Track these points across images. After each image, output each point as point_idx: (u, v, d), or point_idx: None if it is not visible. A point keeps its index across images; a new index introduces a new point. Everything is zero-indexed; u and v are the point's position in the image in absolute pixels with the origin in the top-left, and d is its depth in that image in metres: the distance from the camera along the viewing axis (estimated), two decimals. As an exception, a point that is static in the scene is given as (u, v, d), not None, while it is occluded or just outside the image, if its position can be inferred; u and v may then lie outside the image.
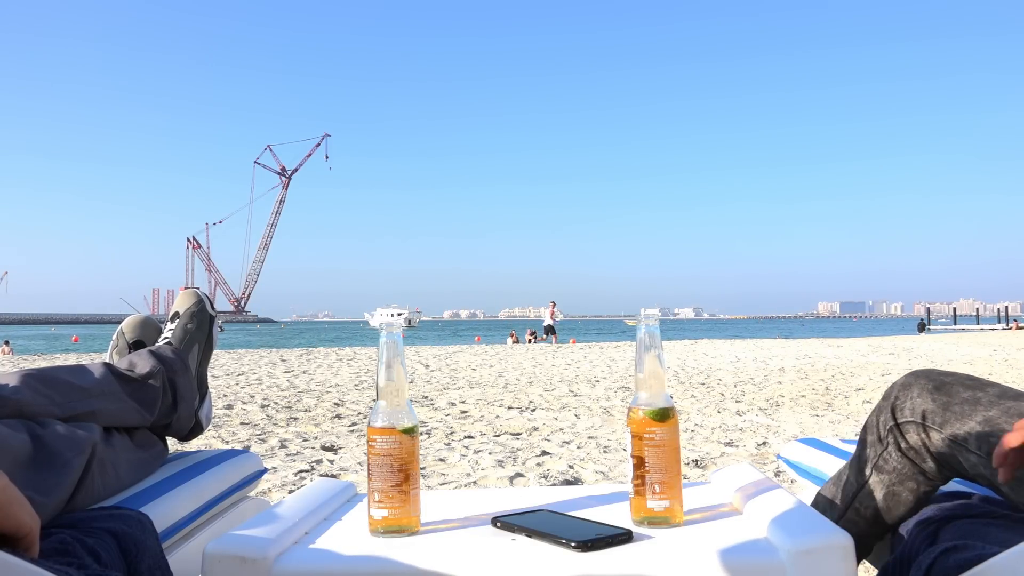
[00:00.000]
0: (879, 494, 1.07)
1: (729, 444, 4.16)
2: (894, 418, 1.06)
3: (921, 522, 0.87)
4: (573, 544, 0.87)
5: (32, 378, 1.04)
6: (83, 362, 1.21)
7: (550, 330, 22.14)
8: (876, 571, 1.04)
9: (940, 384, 1.04)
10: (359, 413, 5.78)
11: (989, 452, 0.92)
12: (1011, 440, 0.80)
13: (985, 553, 0.69)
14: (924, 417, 1.02)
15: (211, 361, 2.71)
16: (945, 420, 1.00)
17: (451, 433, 4.72)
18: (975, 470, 0.94)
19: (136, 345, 1.47)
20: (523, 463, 3.69)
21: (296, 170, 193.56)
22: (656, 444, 0.96)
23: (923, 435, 1.02)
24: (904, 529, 0.92)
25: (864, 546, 1.11)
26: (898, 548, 0.89)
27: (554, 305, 22.71)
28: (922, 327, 37.64)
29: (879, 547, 1.12)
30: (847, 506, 1.12)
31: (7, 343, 21.92)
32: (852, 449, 1.46)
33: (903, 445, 1.04)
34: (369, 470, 0.97)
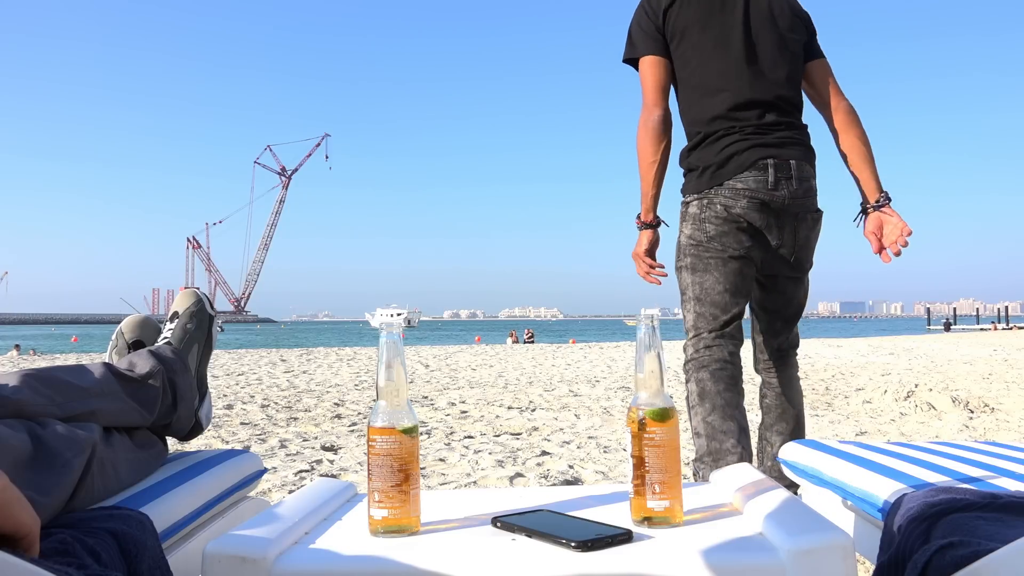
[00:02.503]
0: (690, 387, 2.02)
1: (729, 444, 4.16)
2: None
3: (913, 520, 0.88)
4: (573, 544, 0.87)
5: (32, 378, 1.04)
6: (83, 362, 1.21)
7: None
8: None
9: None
10: (359, 413, 5.78)
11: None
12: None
13: (982, 549, 0.69)
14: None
15: (211, 361, 2.71)
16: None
17: (451, 433, 4.72)
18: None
19: (136, 345, 1.47)
20: (523, 463, 3.69)
21: (296, 170, 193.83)
22: (656, 444, 0.96)
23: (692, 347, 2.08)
24: (896, 527, 0.92)
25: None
26: (891, 547, 0.89)
27: None
28: (948, 326, 38.29)
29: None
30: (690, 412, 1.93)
31: (17, 347, 22.10)
32: (850, 450, 1.46)
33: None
34: (369, 470, 0.97)
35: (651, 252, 2.17)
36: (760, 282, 2.15)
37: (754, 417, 3.19)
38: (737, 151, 2.01)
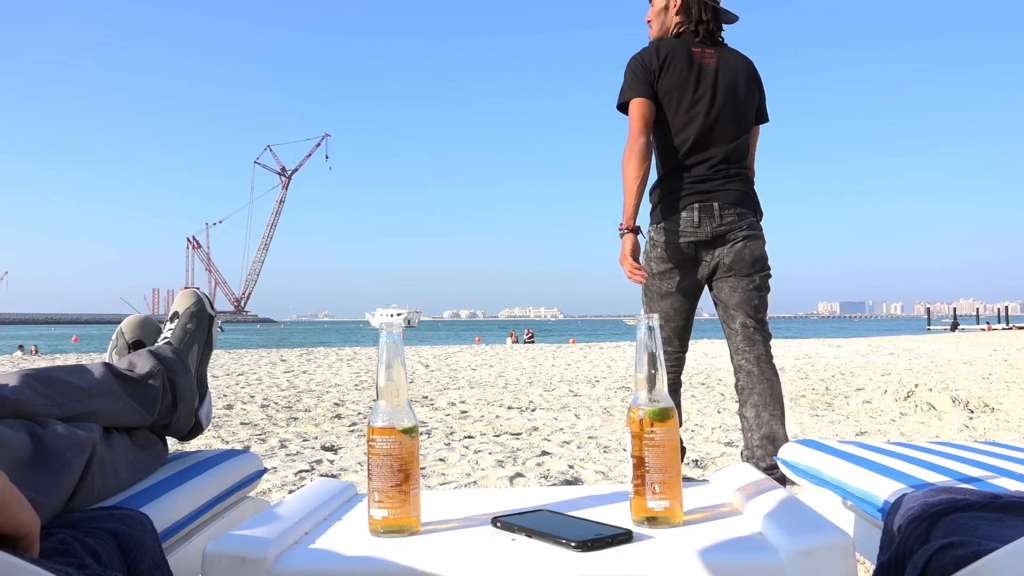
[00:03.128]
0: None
1: (729, 444, 4.16)
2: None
3: (913, 520, 0.88)
4: (573, 544, 0.87)
5: (32, 378, 1.04)
6: (83, 362, 1.21)
7: None
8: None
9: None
10: (359, 413, 5.78)
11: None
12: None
13: (982, 549, 0.69)
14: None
15: (211, 361, 2.71)
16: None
17: (451, 433, 4.72)
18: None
19: (136, 345, 1.47)
20: (523, 463, 3.69)
21: (296, 170, 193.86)
22: (656, 444, 0.96)
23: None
24: (896, 527, 0.92)
25: None
26: (891, 547, 0.89)
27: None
28: (954, 327, 38.84)
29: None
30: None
31: (21, 347, 22.29)
32: (848, 450, 1.46)
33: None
34: (369, 470, 0.97)
35: (634, 254, 2.62)
36: (710, 284, 2.70)
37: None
38: (675, 197, 2.64)
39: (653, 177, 2.74)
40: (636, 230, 2.61)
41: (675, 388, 2.75)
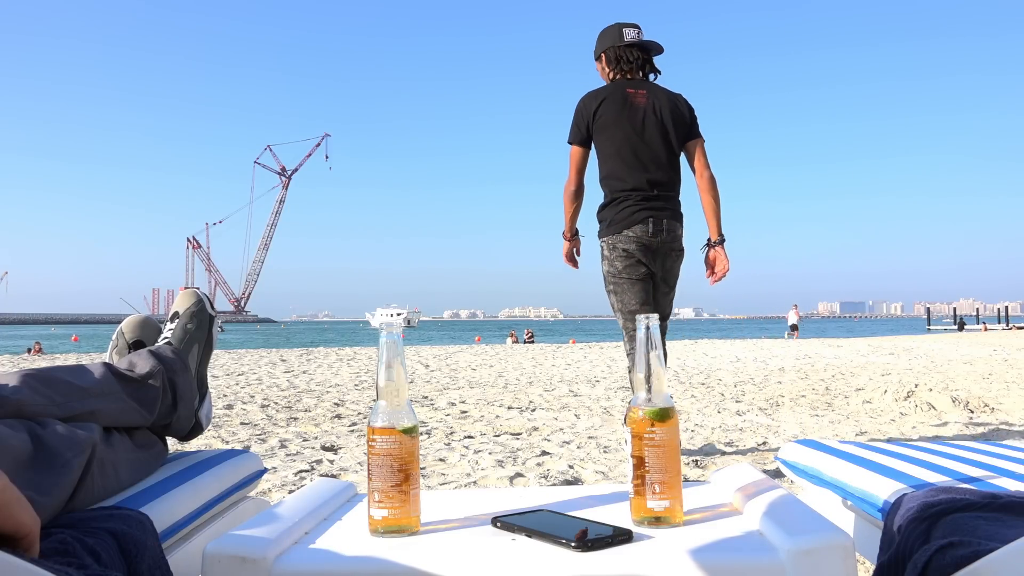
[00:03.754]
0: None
1: (729, 444, 4.16)
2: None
3: (913, 520, 0.88)
4: (573, 544, 0.87)
5: (32, 378, 1.04)
6: (83, 362, 1.21)
7: (794, 328, 28.61)
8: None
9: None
10: (359, 413, 5.78)
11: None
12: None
13: (982, 549, 0.69)
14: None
15: (211, 361, 2.71)
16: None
17: (451, 433, 4.72)
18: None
19: (136, 345, 1.47)
20: (523, 463, 3.69)
21: (296, 170, 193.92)
22: (656, 444, 0.96)
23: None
24: (896, 527, 0.92)
25: None
26: (891, 547, 0.89)
27: (796, 307, 29.75)
28: (961, 326, 39.13)
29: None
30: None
31: (29, 350, 22.37)
32: (848, 450, 1.46)
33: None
34: (369, 470, 0.97)
35: (569, 255, 3.54)
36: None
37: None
38: (631, 212, 3.23)
39: (599, 198, 3.38)
40: (570, 237, 3.49)
41: None
